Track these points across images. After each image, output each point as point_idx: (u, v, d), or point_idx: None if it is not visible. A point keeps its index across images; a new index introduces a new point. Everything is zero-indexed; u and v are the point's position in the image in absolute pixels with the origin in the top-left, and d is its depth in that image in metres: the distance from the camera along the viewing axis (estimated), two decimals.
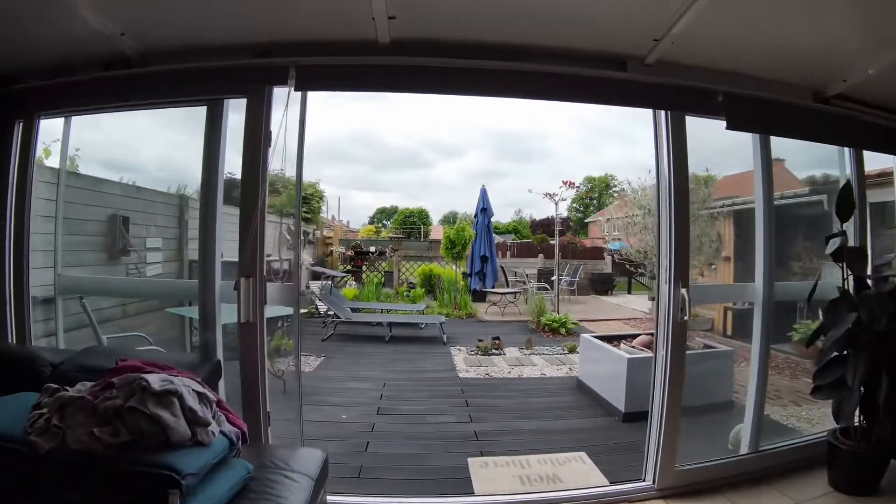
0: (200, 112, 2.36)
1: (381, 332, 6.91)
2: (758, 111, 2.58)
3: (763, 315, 2.79)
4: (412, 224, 33.96)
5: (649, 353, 3.99)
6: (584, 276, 13.25)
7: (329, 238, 13.34)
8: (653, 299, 8.77)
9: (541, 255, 15.41)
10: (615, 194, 41.79)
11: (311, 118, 2.29)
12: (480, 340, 6.25)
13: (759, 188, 2.82)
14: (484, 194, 9.90)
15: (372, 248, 13.41)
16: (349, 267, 12.51)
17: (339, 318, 6.97)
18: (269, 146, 2.24)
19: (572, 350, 6.20)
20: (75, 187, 3.77)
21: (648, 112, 2.51)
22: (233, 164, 2.34)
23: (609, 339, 4.54)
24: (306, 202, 11.51)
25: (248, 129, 2.24)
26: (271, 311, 5.14)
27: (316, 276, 10.43)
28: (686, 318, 2.41)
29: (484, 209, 9.81)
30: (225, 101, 2.35)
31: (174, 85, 2.33)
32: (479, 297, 10.29)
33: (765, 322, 2.80)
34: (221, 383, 2.41)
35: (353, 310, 8.05)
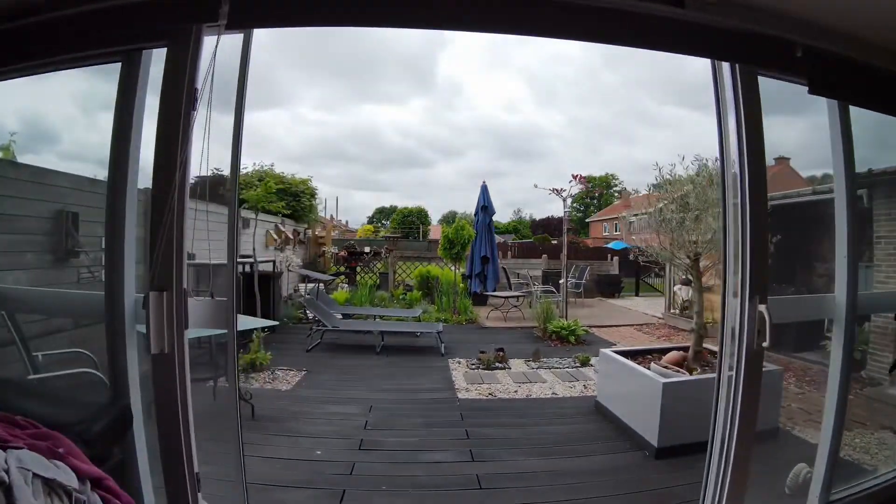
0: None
1: (373, 340, 6.27)
2: (844, 74, 2.01)
3: (845, 334, 2.21)
4: (411, 224, 33.41)
5: (686, 376, 3.38)
6: (589, 278, 12.64)
7: (322, 237, 12.69)
8: (686, 308, 8.11)
9: (544, 256, 14.83)
10: (616, 193, 41.25)
11: (309, 118, 1.68)
12: (482, 352, 5.61)
13: (840, 172, 2.23)
14: (485, 191, 9.29)
15: (366, 249, 12.82)
16: (342, 268, 11.89)
17: (325, 326, 6.33)
18: (193, 109, 1.62)
19: (585, 362, 5.58)
20: (10, 178, 3.28)
21: (648, 111, 1.91)
22: (219, 156, 1.73)
23: (632, 354, 3.90)
24: (296, 199, 10.83)
25: (166, 85, 1.63)
26: (242, 323, 4.39)
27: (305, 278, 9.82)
28: (766, 344, 1.79)
29: (485, 207, 9.20)
30: (143, 52, 1.77)
31: (79, 33, 1.72)
32: (480, 299, 9.69)
33: (847, 344, 2.21)
34: (140, 432, 1.80)
35: (344, 315, 7.44)
